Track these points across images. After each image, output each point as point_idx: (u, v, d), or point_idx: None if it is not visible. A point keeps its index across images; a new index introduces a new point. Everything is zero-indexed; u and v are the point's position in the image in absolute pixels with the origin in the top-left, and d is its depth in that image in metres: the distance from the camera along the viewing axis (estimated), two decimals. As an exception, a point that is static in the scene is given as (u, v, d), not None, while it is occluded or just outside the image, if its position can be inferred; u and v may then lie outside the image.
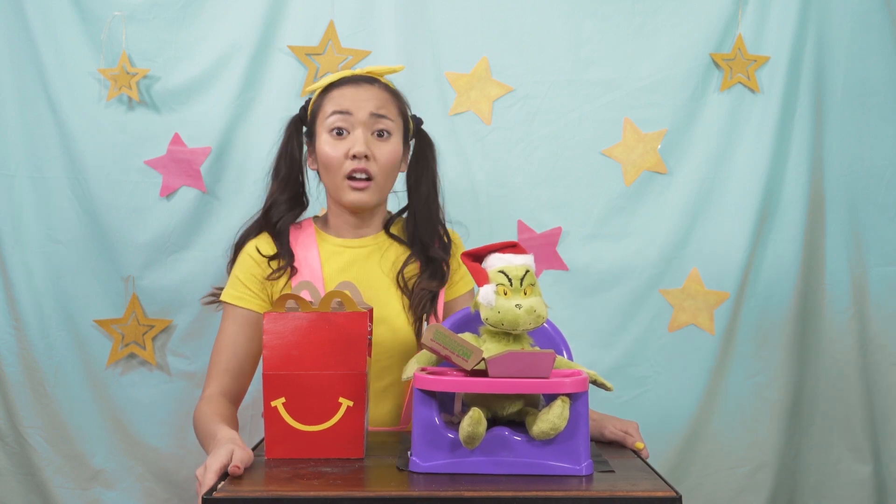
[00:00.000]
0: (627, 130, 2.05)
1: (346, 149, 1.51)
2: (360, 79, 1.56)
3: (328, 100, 1.55)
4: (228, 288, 1.56)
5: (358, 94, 1.54)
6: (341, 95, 1.54)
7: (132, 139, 1.97)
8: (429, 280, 1.58)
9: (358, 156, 1.51)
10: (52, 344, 1.98)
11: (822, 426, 2.12)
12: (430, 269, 1.59)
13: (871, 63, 2.06)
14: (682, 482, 2.06)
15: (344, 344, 1.26)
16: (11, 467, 2.00)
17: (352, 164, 1.51)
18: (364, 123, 1.52)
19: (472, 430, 1.13)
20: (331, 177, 1.55)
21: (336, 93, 1.55)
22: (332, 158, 1.52)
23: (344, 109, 1.52)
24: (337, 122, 1.52)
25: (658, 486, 1.14)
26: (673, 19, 2.04)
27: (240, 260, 1.58)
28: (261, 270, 1.54)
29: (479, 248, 1.28)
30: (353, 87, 1.55)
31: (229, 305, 1.55)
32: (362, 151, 1.51)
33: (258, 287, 1.54)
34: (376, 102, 1.53)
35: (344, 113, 1.52)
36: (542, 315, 1.22)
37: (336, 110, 1.52)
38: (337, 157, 1.52)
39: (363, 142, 1.51)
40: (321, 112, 1.55)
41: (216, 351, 1.54)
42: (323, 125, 1.54)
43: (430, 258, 1.60)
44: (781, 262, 2.07)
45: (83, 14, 1.94)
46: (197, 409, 1.47)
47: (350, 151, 1.51)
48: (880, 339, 2.09)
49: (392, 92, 1.59)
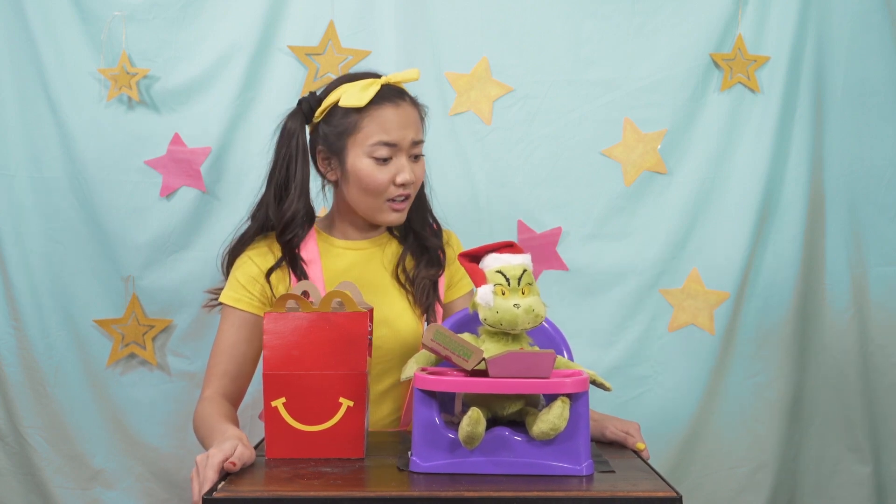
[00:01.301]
0: (627, 130, 2.05)
1: (391, 175, 1.50)
2: (396, 96, 1.52)
3: (370, 121, 1.50)
4: (228, 290, 1.55)
5: (399, 118, 1.50)
6: (385, 121, 1.50)
7: (132, 139, 1.97)
8: (426, 268, 1.59)
9: (406, 184, 1.52)
10: (52, 344, 1.98)
11: (822, 426, 2.12)
12: (426, 258, 1.60)
13: (871, 63, 2.06)
14: (682, 482, 2.06)
15: (344, 344, 1.26)
16: (11, 467, 2.00)
17: (397, 191, 1.52)
18: (407, 150, 1.52)
19: (471, 429, 1.13)
20: (369, 199, 1.53)
21: (377, 115, 1.50)
22: (379, 184, 1.51)
23: (392, 141, 1.49)
24: (384, 152, 1.50)
25: (658, 486, 1.14)
26: (673, 19, 2.04)
27: (242, 263, 1.56)
28: (261, 273, 1.54)
29: (475, 248, 1.28)
30: (394, 108, 1.50)
31: (228, 307, 1.54)
32: (411, 181, 1.52)
33: (258, 290, 1.53)
34: (416, 128, 1.53)
35: (391, 145, 1.50)
36: (540, 314, 1.22)
37: (384, 140, 1.49)
38: (384, 182, 1.51)
39: (410, 170, 1.51)
40: (359, 132, 1.50)
41: (215, 353, 1.52)
42: (362, 147, 1.50)
43: (424, 248, 1.61)
44: (781, 262, 2.07)
45: (83, 14, 1.94)
46: (198, 409, 1.46)
47: (398, 180, 1.51)
48: (880, 339, 2.09)
49: (417, 106, 1.56)
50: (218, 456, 1.16)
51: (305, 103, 1.57)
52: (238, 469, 1.16)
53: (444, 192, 1.97)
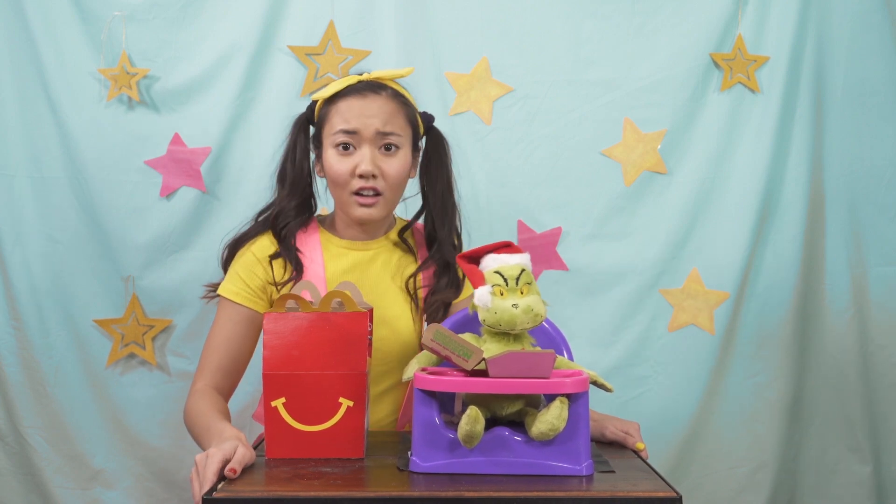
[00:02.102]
0: (627, 130, 2.05)
1: (352, 165, 1.49)
2: (366, 88, 1.51)
3: (335, 112, 1.51)
4: (227, 283, 1.54)
5: (364, 108, 1.49)
6: (348, 109, 1.49)
7: (132, 139, 1.97)
8: (445, 290, 1.56)
9: (365, 175, 1.49)
10: (52, 344, 1.98)
11: (822, 426, 2.12)
12: (447, 278, 1.57)
13: (871, 63, 2.06)
14: (682, 482, 2.06)
15: (344, 344, 1.26)
16: (11, 467, 2.01)
17: (359, 183, 1.49)
18: (371, 140, 1.49)
19: (469, 428, 1.13)
20: (338, 191, 1.53)
21: (343, 105, 1.50)
22: (339, 175, 1.50)
23: (350, 128, 1.48)
24: (342, 138, 1.49)
25: (658, 486, 1.14)
26: (673, 19, 2.04)
27: (243, 258, 1.55)
28: (263, 270, 1.53)
29: (474, 249, 1.28)
30: (360, 99, 1.50)
31: (226, 301, 1.52)
32: (369, 171, 1.48)
33: (259, 286, 1.53)
34: (383, 118, 1.49)
35: (350, 132, 1.49)
36: (539, 314, 1.22)
37: (343, 128, 1.49)
38: (343, 173, 1.50)
39: (370, 160, 1.48)
40: (327, 123, 1.52)
41: (209, 346, 1.51)
42: (329, 139, 1.51)
43: (447, 263, 1.58)
44: (781, 262, 2.07)
45: (83, 14, 1.94)
46: (190, 402, 1.44)
47: (357, 170, 1.49)
48: (880, 339, 2.09)
49: (400, 100, 1.54)
50: (217, 456, 1.16)
51: (309, 108, 1.59)
52: (238, 475, 1.16)
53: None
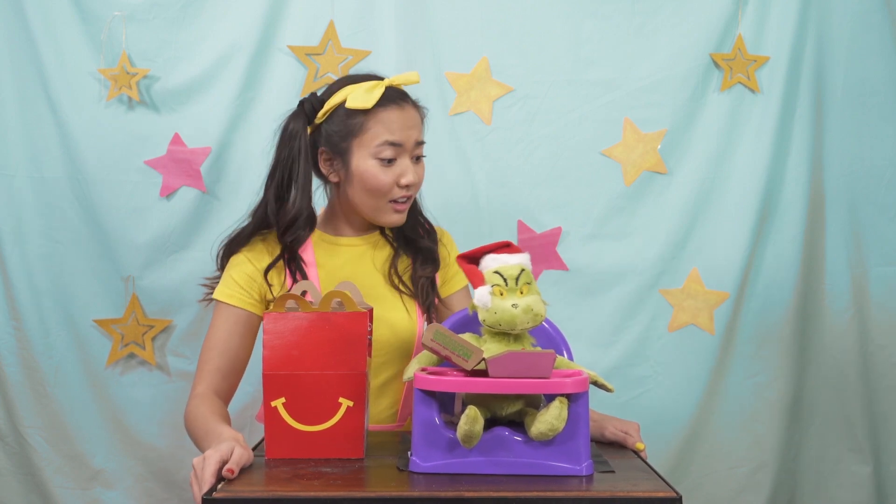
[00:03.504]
0: (627, 130, 2.05)
1: (395, 176, 1.51)
2: (400, 98, 1.52)
3: (376, 122, 1.50)
4: (222, 286, 1.54)
5: (404, 119, 1.51)
6: (391, 121, 1.50)
7: (132, 139, 1.97)
8: (422, 267, 1.60)
9: (410, 185, 1.52)
10: (52, 344, 1.98)
11: (822, 426, 2.12)
12: (420, 258, 1.61)
13: (871, 63, 2.06)
14: (682, 482, 2.06)
15: (344, 344, 1.26)
16: (11, 467, 2.01)
17: (401, 192, 1.53)
18: (410, 151, 1.53)
19: (468, 428, 1.13)
20: (373, 200, 1.53)
21: (383, 116, 1.50)
22: (383, 185, 1.51)
23: (397, 141, 1.50)
24: (389, 152, 1.50)
25: (658, 486, 1.14)
26: (673, 19, 2.04)
27: (236, 260, 1.55)
28: (256, 270, 1.54)
29: (473, 249, 1.28)
30: (399, 110, 1.51)
31: (222, 304, 1.53)
32: (415, 182, 1.53)
33: (255, 288, 1.53)
34: (419, 129, 1.54)
35: (397, 145, 1.50)
36: (539, 313, 1.22)
37: (390, 141, 1.50)
38: (388, 183, 1.51)
39: (415, 172, 1.53)
40: (365, 133, 1.50)
41: (206, 349, 1.51)
42: (369, 149, 1.51)
43: (417, 248, 1.61)
44: (781, 262, 2.07)
45: (83, 14, 1.94)
46: (190, 407, 1.45)
47: (402, 181, 1.51)
48: (880, 339, 2.09)
49: (420, 109, 1.57)
50: (215, 457, 1.15)
51: (307, 104, 1.56)
52: (236, 475, 1.15)
53: (444, 192, 1.98)
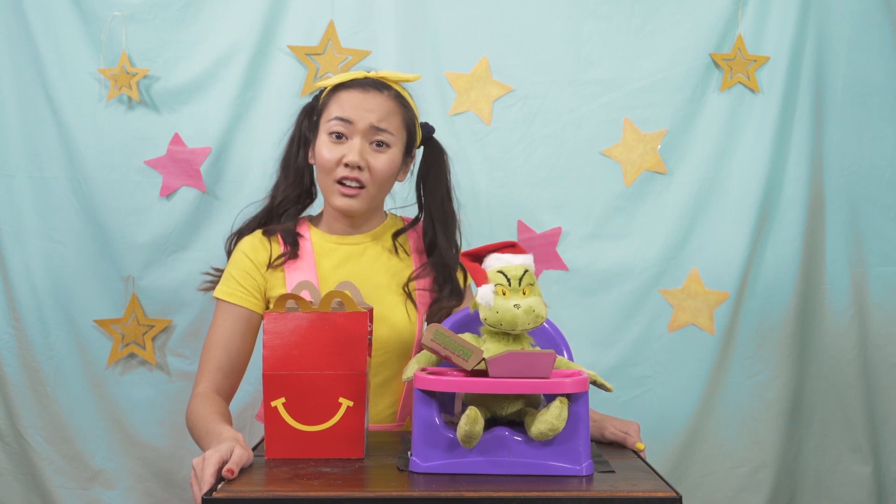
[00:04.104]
0: (627, 130, 2.05)
1: (341, 154, 1.51)
2: (370, 84, 1.54)
3: (334, 100, 1.54)
4: (222, 284, 1.55)
5: (364, 101, 1.52)
6: (348, 100, 1.53)
7: (132, 139, 1.97)
8: (448, 298, 1.58)
9: (351, 165, 1.51)
10: (52, 344, 1.98)
11: (822, 426, 2.12)
12: (450, 286, 1.59)
13: (871, 63, 2.06)
14: (682, 482, 2.06)
15: (344, 344, 1.26)
16: (11, 467, 2.01)
17: (344, 171, 1.52)
18: (363, 133, 1.52)
19: (468, 428, 1.13)
20: (323, 178, 1.55)
21: (344, 95, 1.53)
22: (326, 161, 1.52)
23: (346, 117, 1.51)
24: (337, 126, 1.52)
25: (658, 486, 1.14)
26: (673, 19, 2.04)
27: (234, 258, 1.57)
28: (255, 267, 1.54)
29: (478, 248, 1.28)
30: (361, 92, 1.53)
31: (222, 302, 1.54)
32: (356, 161, 1.51)
33: (252, 285, 1.54)
34: (379, 114, 1.52)
35: (345, 120, 1.51)
36: (541, 315, 1.22)
37: (339, 116, 1.52)
38: (331, 160, 1.52)
39: (358, 151, 1.51)
40: (326, 111, 1.55)
41: (208, 348, 1.52)
42: (324, 125, 1.54)
43: (449, 272, 1.59)
44: (781, 262, 2.07)
45: (83, 14, 1.94)
46: (191, 406, 1.45)
47: (344, 159, 1.51)
48: (880, 339, 2.09)
49: (400, 102, 1.56)
50: (214, 457, 1.16)
51: (315, 98, 1.61)
52: (236, 475, 1.16)
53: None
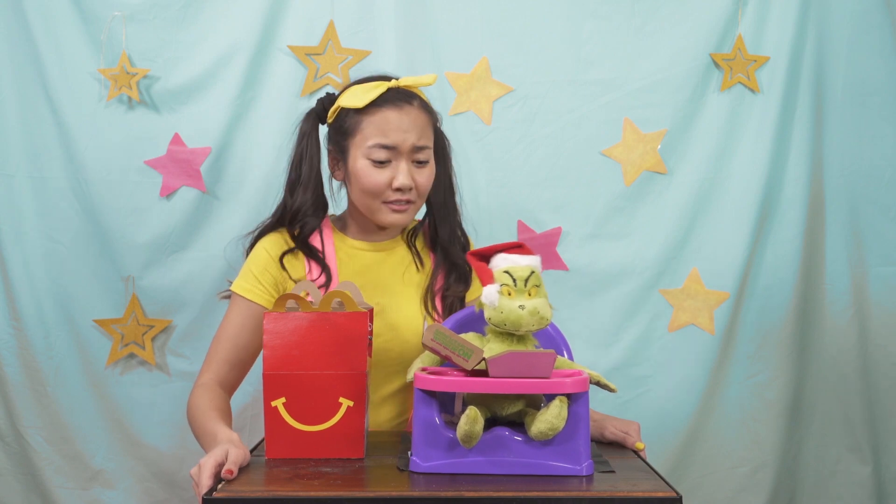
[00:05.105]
0: (627, 130, 2.05)
1: (388, 178, 1.49)
2: (399, 99, 1.50)
3: (369, 123, 1.49)
4: (240, 279, 1.55)
5: (401, 121, 1.48)
6: (385, 122, 1.48)
7: (132, 139, 1.97)
8: (456, 284, 1.58)
9: (403, 189, 1.49)
10: (52, 344, 1.98)
11: (822, 426, 2.12)
12: (456, 274, 1.59)
13: (871, 63, 2.06)
14: (682, 482, 2.06)
15: (344, 344, 1.26)
16: (11, 467, 2.00)
17: (394, 195, 1.50)
18: (407, 154, 1.49)
19: (468, 428, 1.13)
20: (368, 200, 1.52)
21: (378, 117, 1.48)
22: (375, 186, 1.49)
23: (389, 144, 1.47)
24: (381, 154, 1.48)
25: (658, 486, 1.14)
26: (673, 19, 2.04)
27: (254, 253, 1.57)
28: (275, 267, 1.54)
29: (485, 247, 1.28)
30: (396, 111, 1.48)
31: (238, 297, 1.54)
32: (409, 185, 1.49)
33: (271, 283, 1.53)
34: (417, 132, 1.49)
35: (389, 148, 1.48)
36: (545, 316, 1.22)
37: (381, 143, 1.47)
38: (380, 185, 1.49)
39: (407, 175, 1.49)
40: (359, 133, 1.50)
41: (218, 339, 1.53)
42: (361, 149, 1.49)
43: (453, 263, 1.59)
44: (781, 262, 2.07)
45: (83, 14, 1.94)
46: (193, 396, 1.46)
47: (394, 184, 1.49)
48: (880, 339, 2.09)
49: (427, 109, 1.54)
50: (209, 463, 1.16)
51: (320, 104, 1.58)
52: (235, 475, 1.16)
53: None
